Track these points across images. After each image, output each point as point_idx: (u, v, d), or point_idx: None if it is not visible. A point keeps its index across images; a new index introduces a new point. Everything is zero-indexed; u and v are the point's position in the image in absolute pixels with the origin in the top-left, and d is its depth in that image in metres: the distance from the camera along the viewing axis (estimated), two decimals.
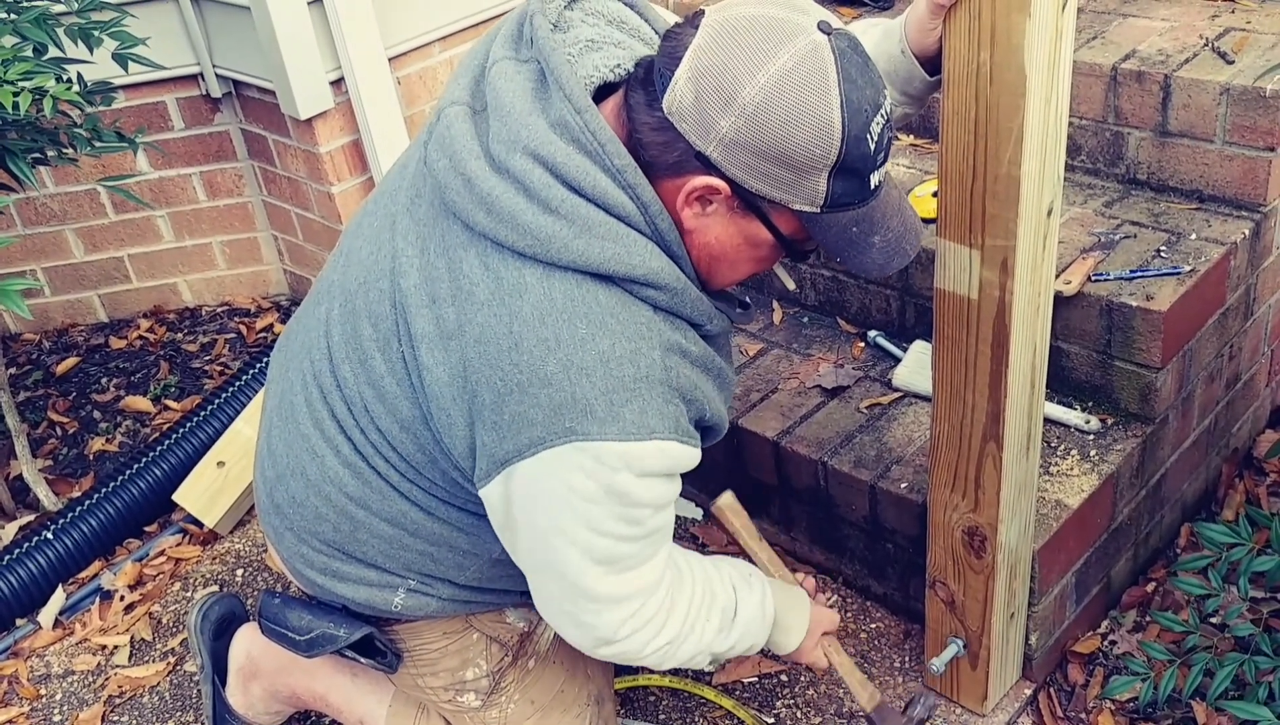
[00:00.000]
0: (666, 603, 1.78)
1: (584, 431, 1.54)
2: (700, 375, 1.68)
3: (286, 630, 2.02)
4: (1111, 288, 2.39)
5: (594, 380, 1.53)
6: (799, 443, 2.60)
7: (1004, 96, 1.63)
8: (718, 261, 1.66)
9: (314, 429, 1.85)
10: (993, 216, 1.74)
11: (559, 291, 1.54)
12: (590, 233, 1.52)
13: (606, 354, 1.54)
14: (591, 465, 1.56)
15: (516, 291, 1.55)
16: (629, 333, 1.56)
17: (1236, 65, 2.51)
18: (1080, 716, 2.36)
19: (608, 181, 1.53)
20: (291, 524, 1.94)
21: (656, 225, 1.57)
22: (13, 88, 2.42)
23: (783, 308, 3.04)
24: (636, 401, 1.55)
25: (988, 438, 1.96)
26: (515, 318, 1.55)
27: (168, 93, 3.65)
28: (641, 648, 1.78)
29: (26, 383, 3.75)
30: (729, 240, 1.62)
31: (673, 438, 1.59)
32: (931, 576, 2.24)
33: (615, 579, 1.69)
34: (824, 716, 2.42)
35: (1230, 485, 2.81)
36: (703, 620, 1.84)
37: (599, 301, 1.55)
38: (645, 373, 1.56)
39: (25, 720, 2.70)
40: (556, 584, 1.71)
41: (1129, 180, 2.71)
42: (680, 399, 1.62)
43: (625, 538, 1.65)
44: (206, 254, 3.97)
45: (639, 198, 1.54)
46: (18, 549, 2.97)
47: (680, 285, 1.60)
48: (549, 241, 1.52)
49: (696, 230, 1.61)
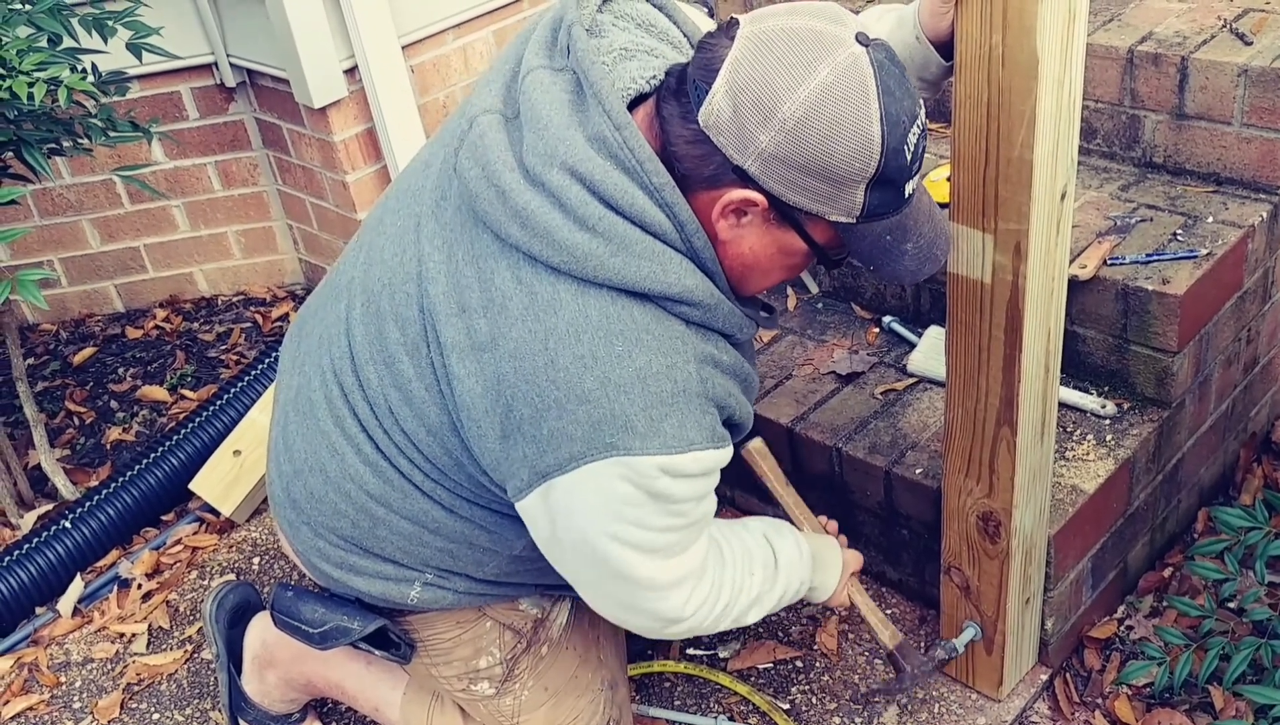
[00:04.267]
0: (716, 570, 1.82)
1: (625, 446, 1.55)
2: (731, 382, 1.70)
3: (300, 623, 2.02)
4: (1127, 272, 2.38)
5: (632, 397, 1.54)
6: (813, 429, 2.60)
7: (1016, 79, 1.62)
8: (750, 270, 1.66)
9: (334, 426, 1.84)
10: (1005, 200, 1.73)
11: (594, 308, 1.54)
12: (627, 251, 1.52)
13: (643, 370, 1.55)
14: (631, 475, 1.58)
15: (551, 308, 1.55)
16: (664, 348, 1.57)
17: (1255, 46, 2.49)
18: (1096, 701, 2.36)
19: (646, 200, 1.52)
20: (309, 519, 1.93)
21: (693, 243, 1.57)
22: (27, 78, 2.42)
23: (797, 294, 3.03)
24: (675, 415, 1.57)
25: (1002, 423, 1.95)
26: (550, 334, 1.55)
27: (182, 82, 3.66)
28: (705, 617, 1.82)
29: (44, 373, 3.77)
30: (763, 250, 1.62)
31: (709, 446, 1.62)
32: (946, 562, 2.24)
33: (671, 564, 1.72)
34: (839, 702, 2.41)
35: (1248, 470, 2.80)
36: (747, 576, 1.89)
37: (634, 318, 1.55)
38: (683, 387, 1.58)
39: (45, 707, 2.71)
40: (615, 584, 1.73)
41: (1145, 163, 2.70)
42: (715, 407, 1.65)
43: (672, 528, 1.67)
44: (222, 243, 3.98)
45: (676, 217, 1.54)
46: (36, 538, 2.98)
47: (714, 301, 1.61)
48: (585, 259, 1.52)
49: (731, 241, 1.60)
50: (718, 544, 1.87)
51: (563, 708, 2.11)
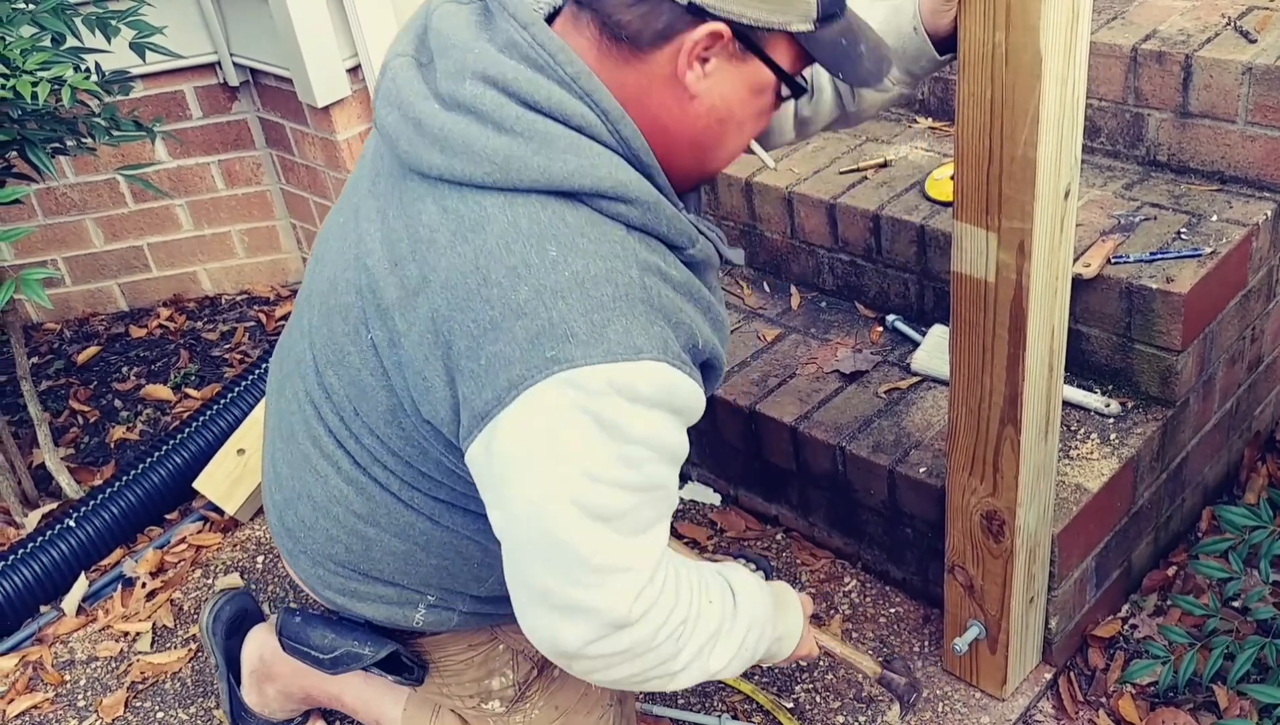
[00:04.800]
0: (672, 580, 1.59)
1: (567, 357, 1.41)
2: (685, 302, 1.57)
3: (309, 649, 1.98)
4: (1131, 270, 2.38)
5: (571, 302, 1.42)
6: (817, 428, 2.60)
7: (1020, 78, 1.62)
8: (725, 127, 1.56)
9: (313, 448, 1.78)
10: (1009, 199, 1.73)
11: (523, 217, 1.45)
12: (551, 147, 1.44)
13: (581, 274, 1.43)
14: (578, 397, 1.42)
15: (479, 225, 1.46)
16: (603, 252, 1.45)
17: (1259, 44, 2.49)
18: (1100, 700, 2.36)
19: (563, 93, 1.45)
20: (305, 548, 1.88)
21: (620, 133, 1.48)
22: (31, 78, 2.43)
23: (800, 292, 3.03)
24: (620, 320, 1.43)
25: (1005, 421, 1.95)
26: (480, 252, 1.45)
27: (185, 81, 3.66)
28: (659, 629, 1.56)
29: (48, 372, 3.78)
30: (734, 95, 1.53)
31: (663, 359, 1.46)
32: (950, 561, 2.23)
33: (619, 542, 1.50)
34: (843, 700, 2.41)
35: (1252, 468, 2.80)
36: (704, 602, 1.66)
37: (566, 222, 1.45)
38: (624, 292, 1.45)
39: (50, 705, 2.72)
40: (551, 561, 1.49)
41: (1149, 162, 2.69)
42: (665, 322, 1.50)
43: (625, 486, 1.48)
44: (225, 242, 3.98)
45: (598, 105, 1.47)
46: (41, 537, 2.99)
47: (653, 199, 1.50)
48: (508, 163, 1.44)
49: (699, 95, 1.51)
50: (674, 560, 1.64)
51: (572, 721, 2.10)
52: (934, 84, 3.04)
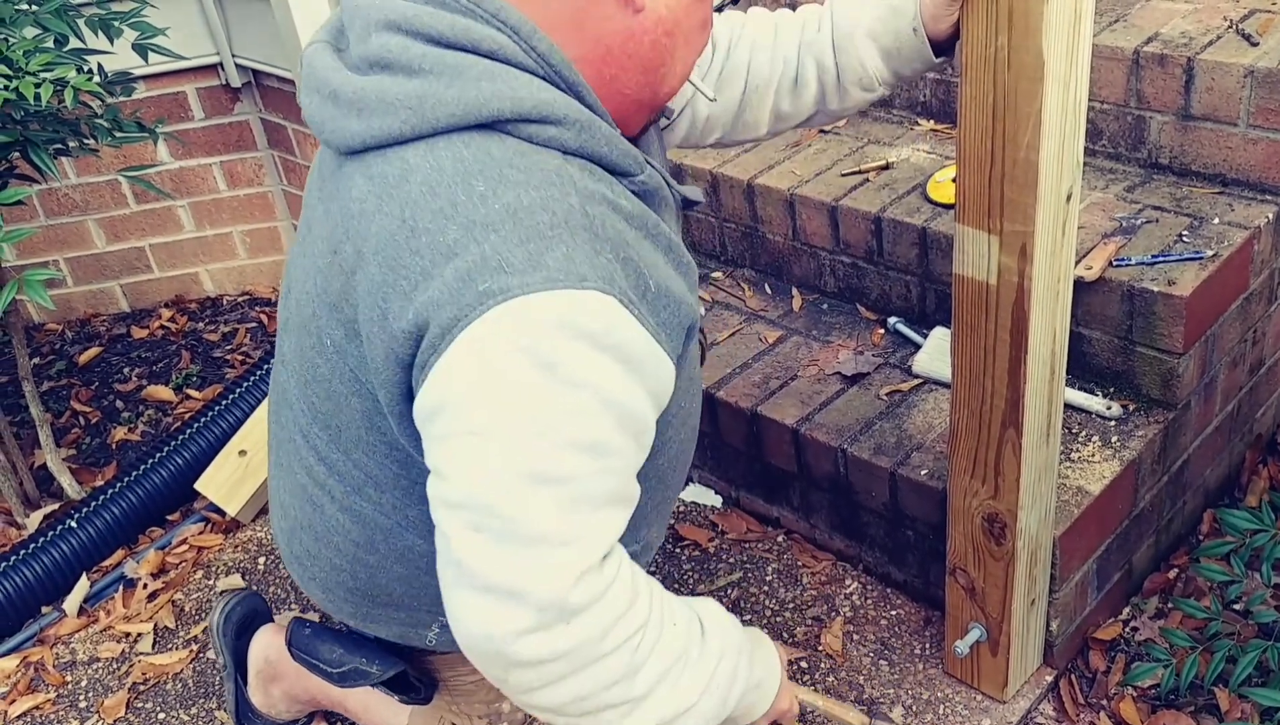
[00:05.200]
0: (628, 573, 1.43)
1: (501, 288, 1.27)
2: (639, 237, 1.42)
3: (318, 662, 1.95)
4: (1133, 273, 2.37)
5: (503, 233, 1.29)
6: (818, 430, 2.60)
7: (1022, 81, 1.62)
8: (674, 39, 1.47)
9: (308, 478, 1.71)
10: (1011, 201, 1.73)
11: (446, 158, 1.34)
12: (463, 77, 1.34)
13: (513, 205, 1.30)
14: (515, 333, 1.27)
15: (402, 178, 1.35)
16: (535, 181, 1.33)
17: (1261, 47, 2.49)
18: (1102, 703, 2.36)
19: (468, 21, 1.35)
20: (314, 576, 1.83)
21: (536, 50, 1.37)
22: (34, 79, 2.43)
23: (802, 295, 3.03)
24: (560, 246, 1.29)
25: (1007, 424, 1.95)
26: (405, 205, 1.34)
27: (188, 83, 3.67)
28: (605, 631, 1.37)
29: (50, 372, 3.78)
30: (679, 3, 1.45)
31: (611, 293, 1.31)
32: (951, 563, 2.23)
33: (560, 512, 1.32)
34: (844, 702, 2.41)
35: (1253, 471, 2.80)
36: (668, 624, 1.48)
37: (492, 155, 1.33)
38: (564, 218, 1.31)
39: (52, 706, 2.72)
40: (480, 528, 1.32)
41: (1151, 165, 2.69)
42: (613, 255, 1.35)
43: (569, 440, 1.31)
44: (227, 243, 3.99)
45: (506, 23, 1.36)
46: (42, 537, 2.99)
47: (585, 118, 1.38)
48: (421, 104, 1.34)
49: (647, 8, 1.42)
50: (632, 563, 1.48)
51: None
52: (935, 86, 3.04)
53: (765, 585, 2.70)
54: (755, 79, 1.90)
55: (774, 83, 1.90)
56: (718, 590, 2.70)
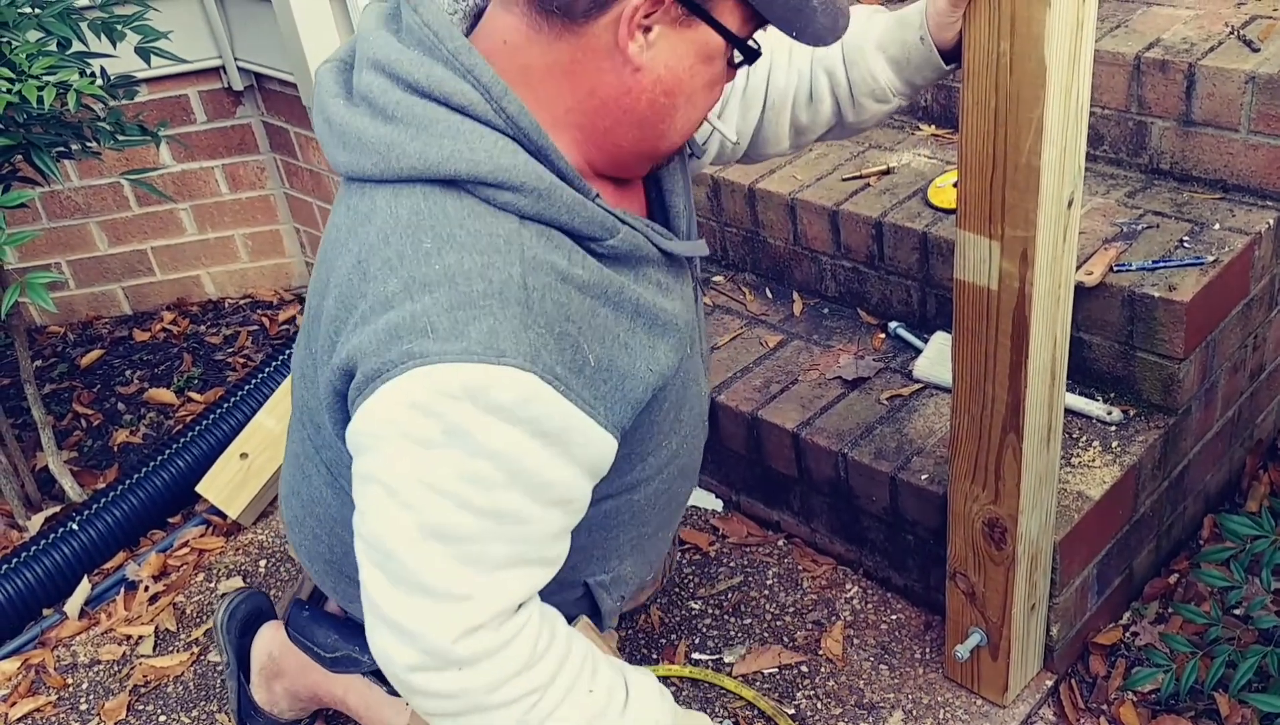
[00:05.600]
0: (531, 634, 1.46)
1: (422, 352, 1.32)
2: (594, 306, 1.44)
3: (313, 645, 1.99)
4: (1134, 278, 2.38)
5: (437, 296, 1.33)
6: (819, 434, 2.60)
7: (1024, 87, 1.62)
8: (674, 100, 1.47)
9: (301, 448, 1.77)
10: (1012, 207, 1.73)
11: (405, 207, 1.38)
12: (428, 132, 1.37)
13: (452, 268, 1.34)
14: (429, 397, 1.33)
15: (367, 219, 1.41)
16: (481, 246, 1.35)
17: (1263, 53, 2.49)
18: (1102, 708, 2.36)
19: (444, 71, 1.37)
20: (301, 542, 1.89)
21: (506, 111, 1.38)
22: (37, 82, 2.43)
23: (803, 299, 3.03)
24: (486, 319, 1.32)
25: (1008, 429, 1.95)
26: (363, 246, 1.40)
27: (190, 86, 3.67)
28: (493, 687, 1.44)
29: (51, 375, 3.78)
30: (680, 64, 1.44)
31: (531, 369, 1.34)
32: (952, 568, 2.23)
33: (455, 568, 1.39)
34: (844, 707, 2.41)
35: (1254, 477, 2.80)
36: (585, 682, 1.53)
37: (447, 213, 1.37)
38: (499, 290, 1.34)
39: (53, 709, 2.72)
40: (382, 568, 1.41)
41: (1152, 170, 2.70)
42: (546, 331, 1.37)
43: (467, 505, 1.37)
44: (229, 246, 3.99)
45: (478, 81, 1.37)
46: (44, 540, 2.99)
47: (545, 186, 1.38)
48: (389, 152, 1.38)
49: (643, 67, 1.42)
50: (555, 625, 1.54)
51: None
52: (937, 91, 3.04)
53: (766, 589, 2.70)
54: (773, 94, 1.92)
55: (789, 96, 1.92)
56: (718, 594, 2.70)
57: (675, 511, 1.91)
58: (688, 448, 1.80)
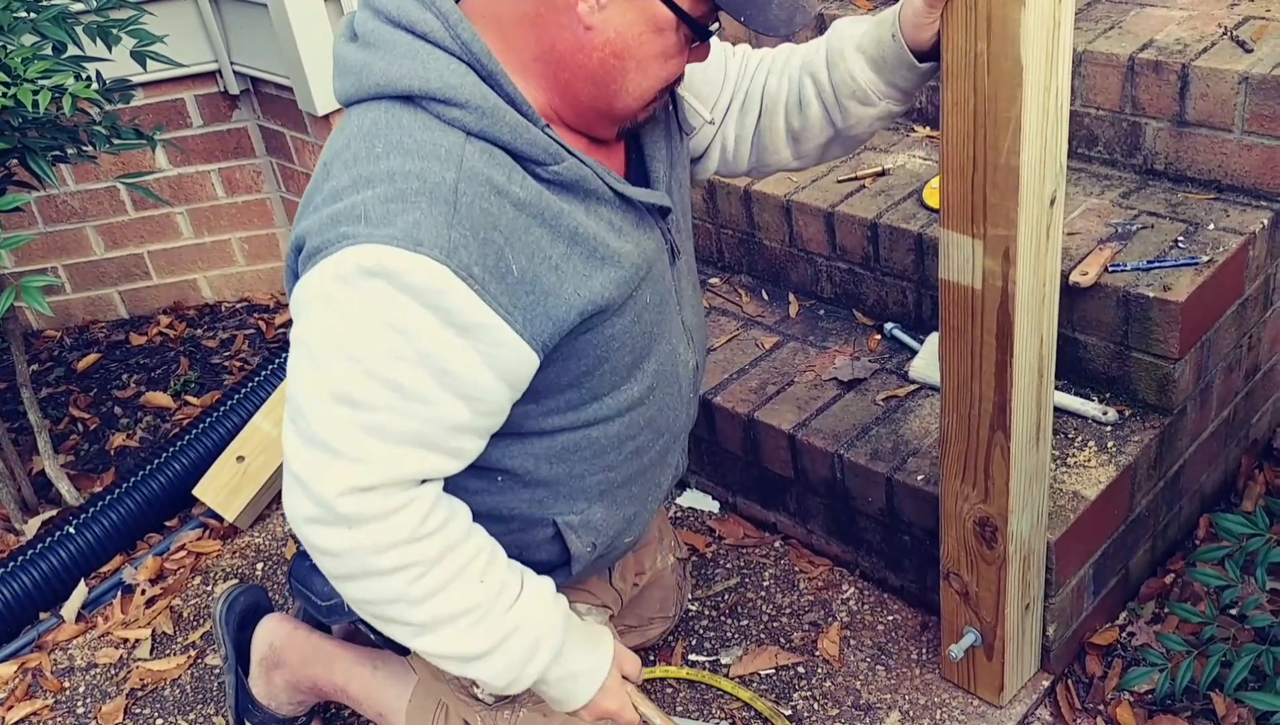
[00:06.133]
0: (422, 512, 1.58)
1: (354, 234, 1.47)
2: (528, 223, 1.55)
3: (310, 593, 2.05)
4: (1128, 278, 2.37)
5: (376, 190, 1.48)
6: (815, 435, 2.60)
7: (1001, 87, 1.62)
8: (624, 62, 1.56)
9: None
10: (994, 206, 1.73)
11: (367, 118, 1.54)
12: (391, 53, 1.52)
13: (395, 169, 1.49)
14: (352, 272, 1.47)
15: (340, 131, 1.58)
16: (425, 152, 1.49)
17: (1256, 54, 2.49)
18: (1098, 708, 2.35)
19: (411, 3, 1.53)
20: None
21: (460, 36, 1.51)
22: (32, 86, 2.44)
23: (799, 300, 3.03)
24: (413, 212, 1.47)
25: (995, 428, 1.95)
26: (329, 149, 1.57)
27: (186, 90, 3.68)
28: (377, 551, 1.56)
29: (48, 379, 3.79)
30: (630, 30, 1.53)
31: (446, 263, 1.47)
32: (945, 568, 2.23)
33: (353, 432, 1.51)
34: (841, 708, 2.41)
35: (1249, 476, 2.79)
36: (476, 572, 1.65)
37: (400, 123, 1.51)
38: (430, 190, 1.48)
39: (49, 712, 2.72)
40: (294, 420, 1.55)
41: (1146, 171, 2.69)
42: (470, 232, 1.49)
43: (373, 373, 1.49)
44: (226, 250, 4.00)
45: (438, 10, 1.51)
46: (40, 544, 3.00)
47: (488, 105, 1.51)
48: (361, 72, 1.54)
49: (596, 27, 1.52)
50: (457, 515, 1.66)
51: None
52: (931, 93, 3.04)
53: (762, 590, 2.70)
54: (767, 99, 1.96)
55: (781, 100, 1.94)
56: (715, 595, 2.70)
57: (651, 470, 1.95)
58: (657, 402, 1.86)
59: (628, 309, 1.70)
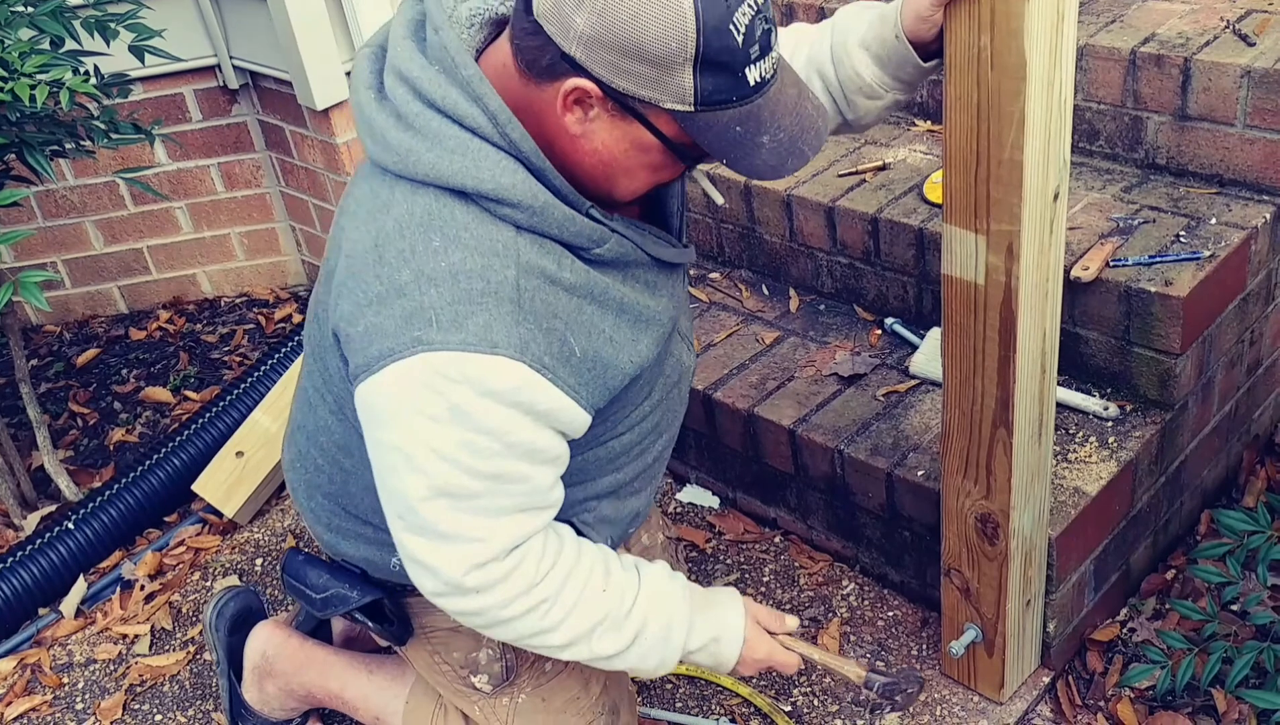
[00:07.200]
0: (535, 558, 1.69)
1: (428, 340, 1.52)
2: (579, 305, 1.62)
3: (304, 587, 2.07)
4: (1130, 273, 2.37)
5: (442, 290, 1.53)
6: (815, 431, 2.59)
7: (1005, 81, 1.62)
8: (611, 169, 1.60)
9: (309, 382, 1.94)
10: (997, 201, 1.73)
11: (420, 206, 1.56)
12: (441, 146, 1.54)
13: (456, 267, 1.53)
14: (434, 379, 1.53)
15: (386, 208, 1.59)
16: (483, 249, 1.54)
17: (1258, 48, 2.48)
18: (1099, 704, 2.35)
19: (459, 95, 1.53)
20: (301, 478, 2.02)
21: (508, 135, 1.53)
22: (30, 80, 2.43)
23: (799, 295, 3.03)
24: (482, 314, 1.52)
25: (998, 424, 1.95)
26: (380, 232, 1.58)
27: (185, 84, 3.67)
28: (505, 603, 1.68)
29: (47, 374, 3.79)
30: (616, 146, 1.57)
31: (521, 360, 1.54)
32: (946, 564, 2.23)
33: (464, 517, 1.62)
34: (840, 704, 2.41)
35: (1251, 472, 2.79)
36: (598, 585, 1.76)
37: (455, 216, 1.55)
38: (495, 289, 1.53)
39: (48, 708, 2.72)
40: (404, 517, 1.65)
41: (1148, 165, 2.69)
42: (535, 325, 1.56)
43: (470, 471, 1.58)
44: (225, 245, 3.99)
45: (486, 107, 1.53)
46: (39, 539, 2.99)
47: (539, 203, 1.55)
48: (407, 156, 1.55)
49: (583, 136, 1.56)
50: (564, 542, 1.76)
51: (558, 721, 2.10)
52: (933, 87, 3.03)
53: (763, 586, 2.70)
54: None
55: None
56: None
57: (654, 465, 2.02)
58: (660, 410, 1.92)
59: (660, 355, 1.80)
